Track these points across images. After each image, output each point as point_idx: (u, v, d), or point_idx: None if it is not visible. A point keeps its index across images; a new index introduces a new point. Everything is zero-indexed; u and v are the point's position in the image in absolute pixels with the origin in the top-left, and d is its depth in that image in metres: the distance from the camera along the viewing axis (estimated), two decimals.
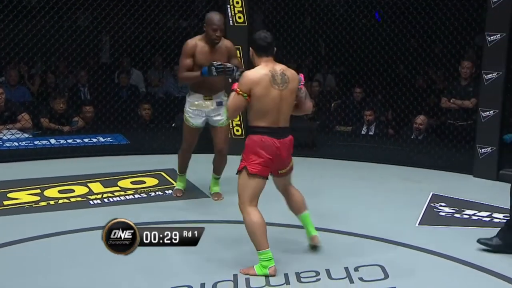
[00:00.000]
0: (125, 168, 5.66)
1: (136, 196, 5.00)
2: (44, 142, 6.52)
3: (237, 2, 6.20)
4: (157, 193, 5.09)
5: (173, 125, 7.11)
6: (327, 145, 6.69)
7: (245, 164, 3.57)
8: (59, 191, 5.04)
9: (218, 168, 4.91)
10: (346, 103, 7.63)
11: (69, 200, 4.87)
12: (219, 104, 4.67)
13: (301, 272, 3.54)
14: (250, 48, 3.68)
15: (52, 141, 6.58)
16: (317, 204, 4.83)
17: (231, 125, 6.20)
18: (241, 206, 3.60)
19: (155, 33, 7.17)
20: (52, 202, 4.80)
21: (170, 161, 5.75)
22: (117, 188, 5.16)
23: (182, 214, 4.55)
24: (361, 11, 7.35)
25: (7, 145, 6.32)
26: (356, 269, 3.61)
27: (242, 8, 6.22)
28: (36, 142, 6.49)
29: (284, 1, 6.95)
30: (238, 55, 6.23)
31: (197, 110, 4.66)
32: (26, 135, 6.63)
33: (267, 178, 3.64)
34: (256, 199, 3.61)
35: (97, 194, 5.00)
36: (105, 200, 4.89)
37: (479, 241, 3.99)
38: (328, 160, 6.26)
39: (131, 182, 5.32)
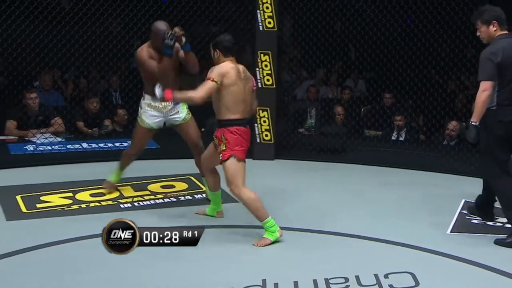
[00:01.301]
0: (155, 172, 5.70)
1: (166, 200, 5.04)
2: (76, 146, 6.62)
3: (267, 7, 6.20)
4: (186, 197, 5.12)
5: (203, 130, 7.13)
6: (356, 150, 6.65)
7: (232, 152, 3.95)
8: (91, 195, 5.09)
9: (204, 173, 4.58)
10: (376, 108, 7.57)
11: (100, 203, 4.92)
12: (176, 103, 4.66)
13: (330, 278, 3.52)
14: (217, 50, 4.01)
15: (84, 145, 6.68)
16: (346, 210, 4.81)
17: (260, 130, 6.21)
18: (236, 189, 3.98)
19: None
20: (83, 206, 4.86)
21: None
22: (147, 192, 5.20)
23: (209, 219, 4.55)
24: (392, 16, 7.28)
25: (41, 149, 6.43)
26: (386, 276, 3.57)
27: (272, 13, 6.21)
28: (68, 146, 6.60)
29: (314, 6, 6.92)
30: (268, 60, 6.25)
31: (154, 111, 4.68)
32: (59, 139, 6.74)
33: None
34: (244, 180, 4.01)
35: (128, 198, 5.05)
36: (135, 204, 4.93)
37: (495, 242, 4.14)
38: (358, 165, 6.22)
39: (161, 186, 5.36)
